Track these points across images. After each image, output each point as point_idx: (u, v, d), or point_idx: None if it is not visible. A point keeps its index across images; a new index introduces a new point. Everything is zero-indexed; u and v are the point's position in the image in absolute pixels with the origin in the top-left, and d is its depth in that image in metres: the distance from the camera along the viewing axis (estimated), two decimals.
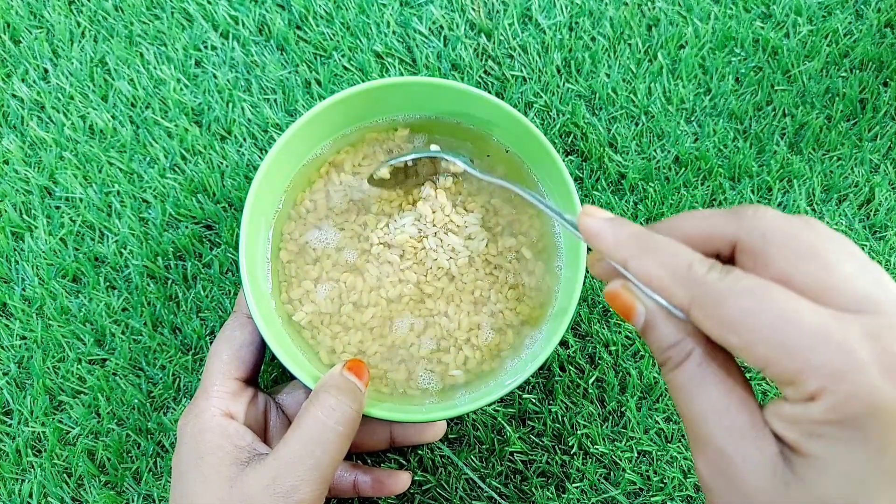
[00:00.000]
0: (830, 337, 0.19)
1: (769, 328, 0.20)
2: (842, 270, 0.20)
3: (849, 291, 0.20)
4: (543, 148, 0.37)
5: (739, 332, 0.20)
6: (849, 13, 0.49)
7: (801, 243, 0.21)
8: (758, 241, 0.22)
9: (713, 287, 0.21)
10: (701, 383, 0.22)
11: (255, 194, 0.36)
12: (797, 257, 0.21)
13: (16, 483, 0.41)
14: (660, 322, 0.23)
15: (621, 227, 0.24)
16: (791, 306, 0.20)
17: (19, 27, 0.47)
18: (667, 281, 0.22)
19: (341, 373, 0.33)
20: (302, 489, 0.30)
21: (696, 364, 0.22)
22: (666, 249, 0.23)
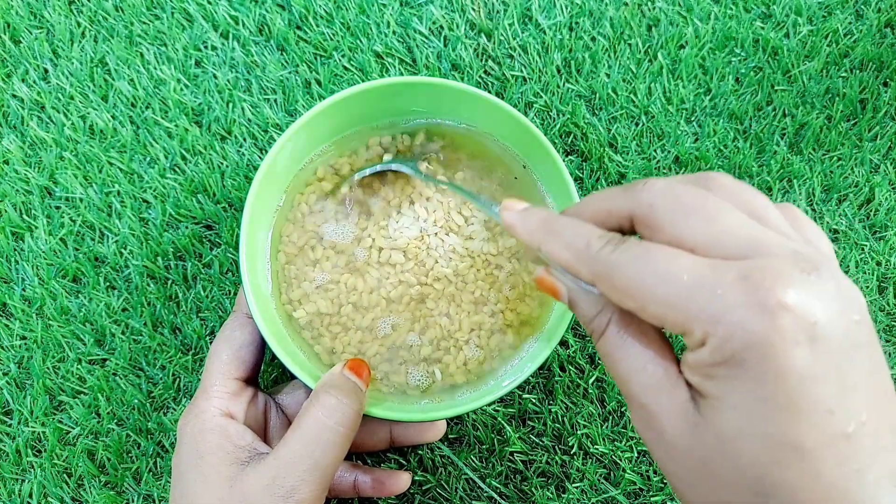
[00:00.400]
0: (704, 285, 0.20)
1: (653, 287, 0.21)
2: (724, 222, 0.22)
3: (730, 241, 0.21)
4: (543, 148, 0.37)
5: (632, 295, 0.22)
6: (849, 13, 0.49)
7: (683, 204, 0.22)
8: (647, 210, 0.23)
9: (607, 259, 0.23)
10: (621, 347, 0.24)
11: (256, 194, 0.36)
12: (681, 217, 0.22)
13: (16, 483, 0.41)
14: (579, 299, 0.25)
15: (531, 215, 0.26)
16: (671, 263, 0.21)
17: (19, 27, 0.47)
18: (572, 260, 0.24)
19: (342, 372, 0.33)
20: (302, 489, 0.30)
21: (613, 332, 0.24)
22: (568, 230, 0.25)
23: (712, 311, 0.20)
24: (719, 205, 0.22)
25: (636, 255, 0.22)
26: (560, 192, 0.38)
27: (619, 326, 0.24)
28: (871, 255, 0.46)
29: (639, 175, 0.46)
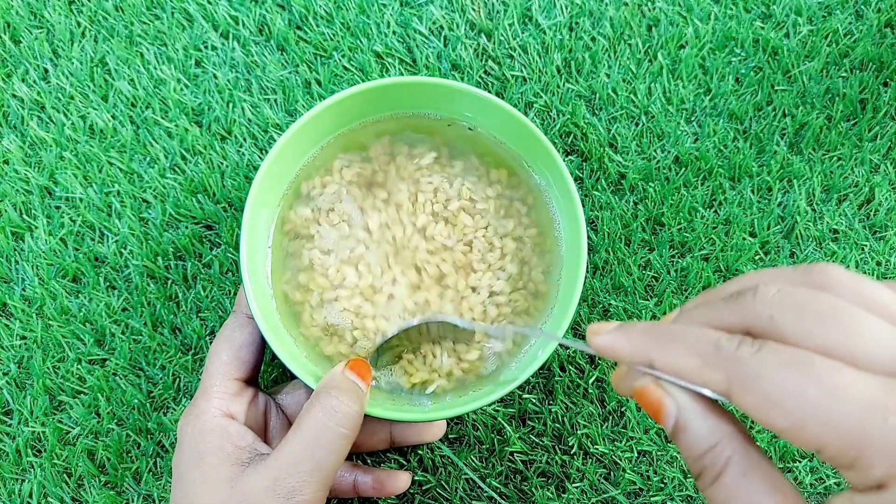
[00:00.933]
0: (886, 410, 0.17)
1: (817, 404, 0.17)
2: (867, 331, 0.18)
3: (882, 353, 0.18)
4: (544, 148, 0.37)
5: (786, 410, 0.18)
6: (849, 13, 0.49)
7: (811, 312, 0.19)
8: (767, 323, 0.20)
9: (750, 362, 0.19)
10: (748, 497, 0.19)
11: (256, 194, 0.36)
12: (815, 330, 0.19)
13: (16, 483, 0.41)
14: (693, 420, 0.21)
15: (632, 330, 0.23)
16: (838, 377, 0.18)
17: (19, 27, 0.47)
18: (698, 366, 0.20)
19: (343, 372, 0.33)
20: (303, 490, 0.30)
21: (737, 476, 0.20)
22: (688, 335, 0.21)
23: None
24: (852, 309, 0.19)
25: (791, 361, 0.18)
26: (560, 192, 0.38)
27: (745, 470, 0.19)
28: (871, 255, 0.46)
29: (639, 175, 0.46)
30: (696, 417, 0.21)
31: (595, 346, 0.23)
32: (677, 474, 0.42)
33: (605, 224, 0.45)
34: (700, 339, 0.20)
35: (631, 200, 0.46)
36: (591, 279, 0.45)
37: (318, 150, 0.40)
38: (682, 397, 0.21)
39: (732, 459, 0.20)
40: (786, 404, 0.18)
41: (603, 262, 0.45)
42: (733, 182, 0.46)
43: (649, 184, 0.46)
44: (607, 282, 0.45)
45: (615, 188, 0.46)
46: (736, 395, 0.19)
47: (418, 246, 0.38)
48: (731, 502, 0.20)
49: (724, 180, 0.46)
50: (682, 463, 0.42)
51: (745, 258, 0.45)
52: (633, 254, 0.45)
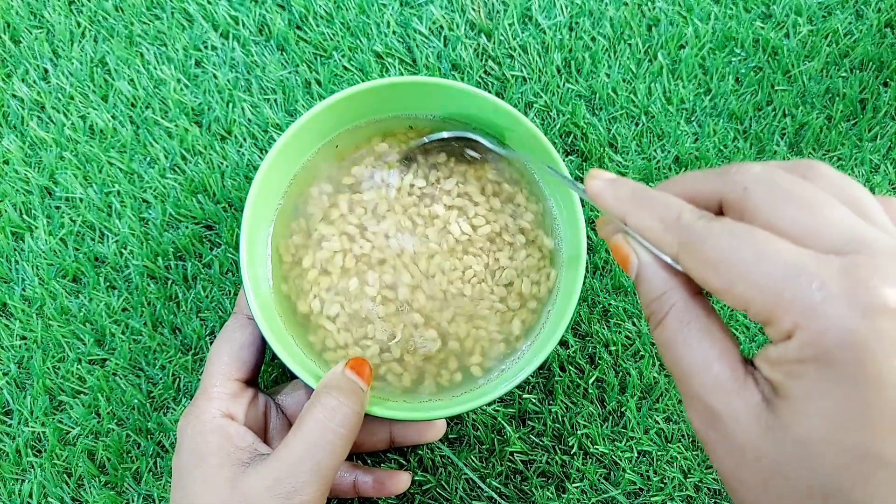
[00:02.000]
0: (804, 272, 0.19)
1: (746, 266, 0.20)
2: (826, 213, 0.20)
3: (833, 234, 0.20)
4: (543, 148, 0.37)
5: (720, 271, 0.21)
6: (849, 13, 0.49)
7: (782, 190, 0.21)
8: (741, 194, 0.22)
9: (698, 231, 0.22)
10: (683, 339, 0.22)
11: (256, 194, 0.36)
12: (778, 204, 0.21)
13: (16, 483, 0.41)
14: (649, 272, 0.24)
15: (621, 186, 0.25)
16: (770, 245, 0.20)
17: (19, 27, 0.47)
18: (659, 230, 0.23)
19: (343, 372, 0.33)
20: (304, 491, 0.30)
21: (675, 319, 0.23)
22: (659, 202, 0.24)
23: (809, 300, 0.19)
24: (820, 195, 0.21)
25: (732, 231, 0.21)
26: (561, 192, 0.38)
27: (683, 314, 0.22)
28: None
29: (639, 175, 0.46)
30: (652, 271, 0.24)
31: (587, 187, 0.26)
32: (677, 474, 0.42)
33: None
34: (668, 206, 0.23)
35: None
36: (591, 279, 0.45)
37: (319, 150, 0.40)
38: (644, 254, 0.24)
39: (675, 306, 0.23)
40: (720, 266, 0.21)
41: (603, 262, 0.45)
42: None
43: (649, 184, 0.46)
44: (607, 282, 0.45)
45: None
46: (682, 258, 0.22)
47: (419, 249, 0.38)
48: (670, 343, 0.23)
49: None
50: (683, 463, 0.42)
51: None
52: None
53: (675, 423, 0.43)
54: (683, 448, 0.42)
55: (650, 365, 0.43)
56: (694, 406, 0.22)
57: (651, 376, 0.43)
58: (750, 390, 0.21)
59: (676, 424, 0.43)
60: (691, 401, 0.22)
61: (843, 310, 0.18)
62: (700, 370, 0.22)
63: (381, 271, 0.38)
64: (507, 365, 0.38)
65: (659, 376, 0.43)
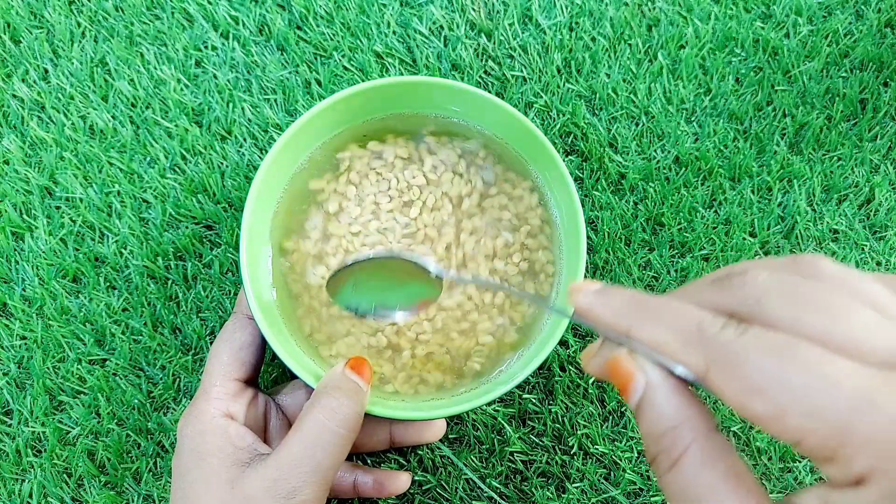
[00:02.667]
0: (877, 402, 0.16)
1: (802, 392, 0.16)
2: (856, 320, 0.17)
3: (879, 343, 0.17)
4: (543, 148, 0.37)
5: (767, 397, 0.17)
6: (849, 13, 0.49)
7: (801, 298, 0.18)
8: (754, 307, 0.19)
9: (732, 346, 0.18)
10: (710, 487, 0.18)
11: (256, 194, 0.36)
12: (803, 315, 0.18)
13: (16, 483, 0.41)
14: (659, 397, 0.19)
15: (615, 295, 0.22)
16: (827, 365, 0.17)
17: (19, 27, 0.47)
18: (677, 344, 0.19)
19: (343, 372, 0.33)
20: (303, 491, 0.30)
21: (696, 463, 0.18)
22: (670, 310, 0.20)
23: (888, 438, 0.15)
24: (843, 299, 0.18)
25: (777, 347, 0.17)
26: (560, 191, 0.38)
27: (704, 457, 0.18)
28: (871, 255, 0.46)
29: (639, 175, 0.46)
30: (664, 395, 0.19)
31: (576, 305, 0.22)
32: None
33: (605, 224, 0.45)
34: (683, 315, 0.20)
35: (631, 200, 0.46)
36: (591, 276, 0.45)
37: (318, 150, 0.40)
38: (653, 373, 0.20)
39: (693, 445, 0.19)
40: (767, 390, 0.17)
41: (603, 262, 0.45)
42: (733, 182, 0.46)
43: (649, 184, 0.46)
44: (607, 282, 0.45)
45: (615, 188, 0.46)
46: (714, 377, 0.18)
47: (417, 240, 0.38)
48: (687, 492, 0.18)
49: (724, 180, 0.46)
50: None
51: (746, 258, 0.45)
52: (633, 254, 0.45)
53: None
54: None
55: None
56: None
57: None
58: None
59: None
60: None
61: None
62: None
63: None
64: (507, 365, 0.38)
65: None
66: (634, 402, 0.20)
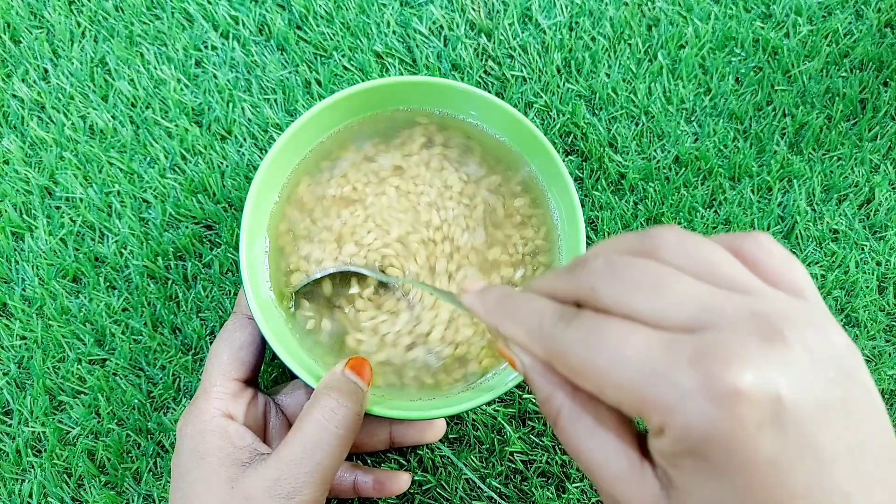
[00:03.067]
0: (658, 369, 0.19)
1: (607, 369, 0.20)
2: (671, 291, 0.20)
3: (681, 311, 0.20)
4: (543, 148, 0.37)
5: (588, 377, 0.20)
6: (849, 13, 0.49)
7: (625, 281, 0.21)
8: (590, 293, 0.22)
9: (560, 338, 0.21)
10: (578, 436, 0.22)
11: (256, 194, 0.36)
12: (625, 296, 0.21)
13: (16, 483, 0.41)
14: (533, 377, 0.23)
15: (487, 295, 0.25)
16: (623, 343, 0.20)
17: (19, 27, 0.47)
18: (526, 340, 0.23)
19: (342, 372, 0.33)
20: (303, 491, 0.30)
21: (567, 420, 0.22)
22: (522, 309, 0.23)
23: (668, 399, 0.19)
24: (662, 272, 0.21)
25: (588, 333, 0.21)
26: (560, 191, 0.38)
27: (573, 412, 0.22)
28: (871, 255, 0.46)
29: (639, 175, 0.46)
30: (537, 374, 0.23)
31: (463, 302, 0.26)
32: None
33: (606, 224, 0.45)
34: (530, 313, 0.23)
35: (631, 200, 0.46)
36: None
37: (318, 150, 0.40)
38: (525, 358, 0.23)
39: (563, 406, 0.22)
40: (585, 374, 0.20)
41: None
42: (733, 182, 0.46)
43: (649, 184, 0.46)
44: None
45: (615, 188, 0.46)
46: (556, 366, 0.22)
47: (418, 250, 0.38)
48: (568, 442, 0.22)
49: (724, 180, 0.46)
50: None
51: None
52: None
53: None
54: None
55: None
56: (603, 496, 0.22)
57: None
58: (648, 480, 0.21)
59: None
60: (601, 491, 0.22)
61: (700, 404, 0.18)
62: (600, 465, 0.22)
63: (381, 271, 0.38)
64: (506, 364, 0.38)
65: None
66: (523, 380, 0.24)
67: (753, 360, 0.18)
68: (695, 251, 0.21)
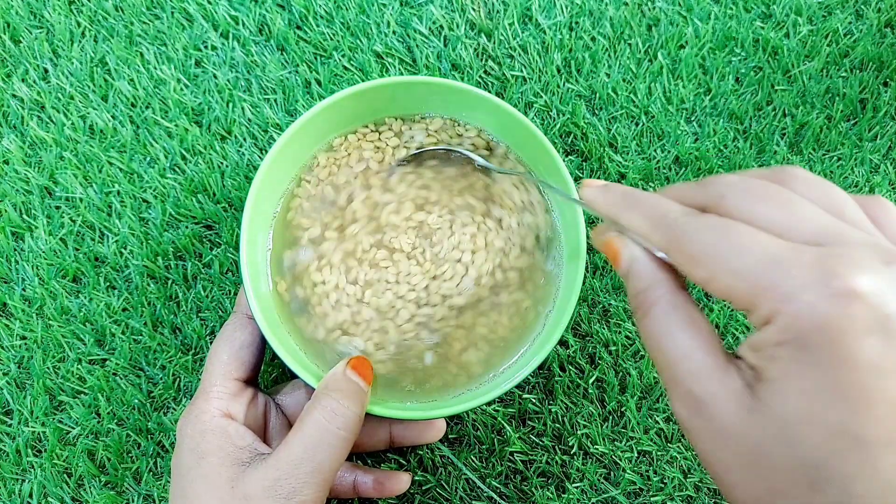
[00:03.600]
0: (781, 261, 0.20)
1: (727, 257, 0.21)
2: (799, 211, 0.22)
3: (807, 228, 0.21)
4: (543, 148, 0.37)
5: (704, 263, 0.22)
6: (849, 13, 0.49)
7: (755, 194, 0.22)
8: (717, 200, 0.23)
9: (683, 227, 0.23)
10: (667, 330, 0.23)
11: (256, 194, 0.36)
12: (753, 205, 0.22)
13: (16, 483, 0.41)
14: (638, 265, 0.25)
15: (612, 190, 0.27)
16: (748, 237, 0.21)
17: (19, 27, 0.47)
18: (647, 228, 0.24)
19: (344, 372, 0.33)
20: (303, 492, 0.30)
21: (662, 311, 0.24)
22: (647, 202, 0.25)
23: (784, 288, 0.20)
24: (793, 196, 0.22)
25: (714, 225, 0.22)
26: None
27: (669, 304, 0.23)
28: None
29: (639, 175, 0.46)
30: (642, 263, 0.25)
31: (582, 196, 0.28)
32: (677, 474, 0.42)
33: None
34: (657, 206, 0.25)
35: None
36: (591, 279, 0.45)
37: (318, 149, 0.40)
38: (635, 248, 0.25)
39: (662, 298, 0.24)
40: (703, 259, 0.22)
41: (603, 261, 0.45)
42: None
43: (649, 184, 0.46)
44: (607, 282, 0.45)
45: None
46: (671, 252, 0.23)
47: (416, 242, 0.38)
48: (656, 333, 0.24)
49: None
50: (683, 463, 0.42)
51: None
52: None
53: (675, 423, 0.43)
54: (684, 448, 0.42)
55: (650, 365, 0.43)
56: (678, 394, 0.23)
57: (651, 376, 0.43)
58: (732, 376, 0.22)
59: (676, 424, 0.43)
60: (676, 388, 0.23)
61: (816, 296, 0.19)
62: (684, 358, 0.23)
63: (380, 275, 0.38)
64: (506, 364, 0.38)
65: (659, 376, 0.43)
66: (623, 270, 0.26)
67: (872, 272, 0.19)
68: (824, 189, 0.23)
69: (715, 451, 0.22)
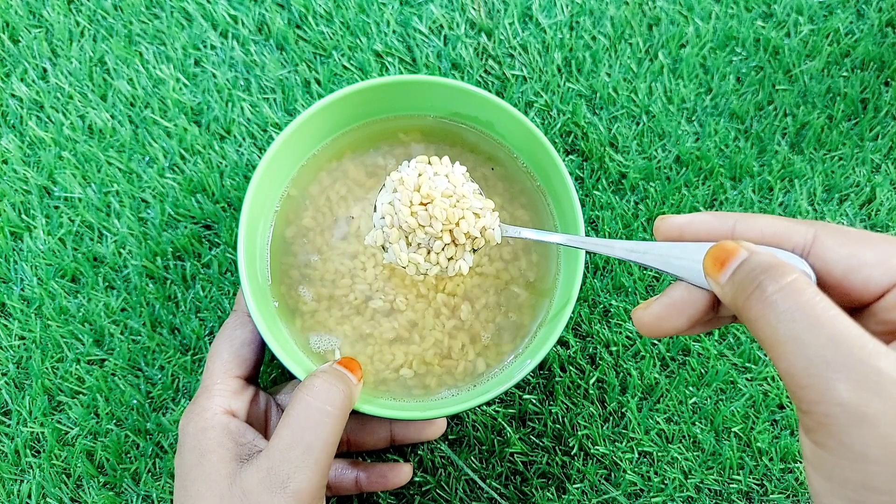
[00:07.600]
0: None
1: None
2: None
3: None
4: (543, 147, 0.37)
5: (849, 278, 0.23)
6: (850, 13, 0.49)
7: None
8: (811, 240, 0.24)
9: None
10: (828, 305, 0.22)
11: (254, 194, 0.36)
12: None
13: (15, 483, 0.41)
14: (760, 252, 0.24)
15: (710, 213, 0.27)
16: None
17: (18, 26, 0.47)
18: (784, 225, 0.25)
19: (331, 364, 0.34)
20: (297, 477, 0.30)
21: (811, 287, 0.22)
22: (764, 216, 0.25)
23: None
24: None
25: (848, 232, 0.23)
26: (560, 191, 0.38)
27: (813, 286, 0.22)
28: None
29: (639, 175, 0.46)
30: (765, 251, 0.24)
31: (672, 224, 0.27)
32: (678, 475, 0.42)
33: (606, 224, 0.45)
34: (776, 218, 0.25)
35: (632, 200, 0.46)
36: (591, 279, 0.44)
37: (318, 150, 0.40)
38: (753, 245, 0.24)
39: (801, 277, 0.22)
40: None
41: (603, 261, 0.45)
42: (734, 182, 0.46)
43: (650, 183, 0.46)
44: (608, 282, 0.44)
45: (616, 188, 0.46)
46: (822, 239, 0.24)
47: None
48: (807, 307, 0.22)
49: (725, 180, 0.46)
50: (684, 464, 0.42)
51: None
52: None
53: (675, 423, 0.43)
54: (684, 449, 0.42)
55: (651, 365, 0.43)
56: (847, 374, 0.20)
57: (652, 377, 0.43)
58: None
59: (677, 425, 0.43)
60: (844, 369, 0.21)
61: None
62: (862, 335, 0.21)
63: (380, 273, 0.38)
64: (506, 364, 0.38)
65: (660, 377, 0.43)
66: (728, 274, 0.24)
67: None
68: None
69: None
